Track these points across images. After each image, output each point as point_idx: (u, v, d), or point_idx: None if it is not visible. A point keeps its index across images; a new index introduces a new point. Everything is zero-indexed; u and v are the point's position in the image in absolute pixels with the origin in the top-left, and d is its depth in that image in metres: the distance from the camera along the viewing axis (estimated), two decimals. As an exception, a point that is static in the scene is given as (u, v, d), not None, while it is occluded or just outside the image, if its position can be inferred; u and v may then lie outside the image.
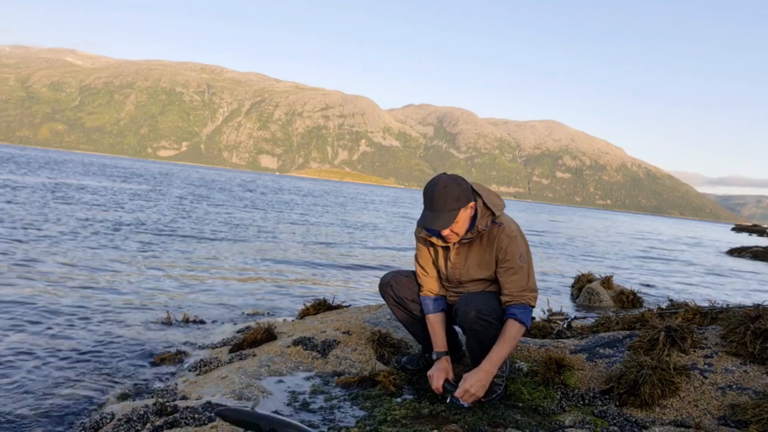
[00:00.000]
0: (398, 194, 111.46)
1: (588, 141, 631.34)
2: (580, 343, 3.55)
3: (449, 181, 2.71)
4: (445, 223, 2.69)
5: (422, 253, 3.06)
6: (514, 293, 2.80)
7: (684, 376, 2.89)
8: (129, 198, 20.37)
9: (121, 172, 47.02)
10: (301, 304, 5.43)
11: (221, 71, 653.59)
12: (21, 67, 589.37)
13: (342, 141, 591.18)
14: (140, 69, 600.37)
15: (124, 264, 7.65)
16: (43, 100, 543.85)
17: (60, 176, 30.18)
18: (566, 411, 2.85)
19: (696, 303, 4.11)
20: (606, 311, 7.21)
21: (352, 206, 35.30)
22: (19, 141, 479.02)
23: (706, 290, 11.17)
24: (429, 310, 3.04)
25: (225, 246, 10.74)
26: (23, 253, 7.49)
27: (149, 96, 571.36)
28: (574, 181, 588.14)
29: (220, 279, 7.37)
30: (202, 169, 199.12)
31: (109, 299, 5.59)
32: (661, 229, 54.59)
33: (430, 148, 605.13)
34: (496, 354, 2.75)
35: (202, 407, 2.66)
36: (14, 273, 6.28)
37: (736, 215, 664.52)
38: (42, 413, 2.94)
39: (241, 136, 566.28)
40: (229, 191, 36.33)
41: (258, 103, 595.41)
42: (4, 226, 9.74)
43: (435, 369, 2.90)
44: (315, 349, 3.56)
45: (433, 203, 2.70)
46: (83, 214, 13.15)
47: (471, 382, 2.73)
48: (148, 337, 4.44)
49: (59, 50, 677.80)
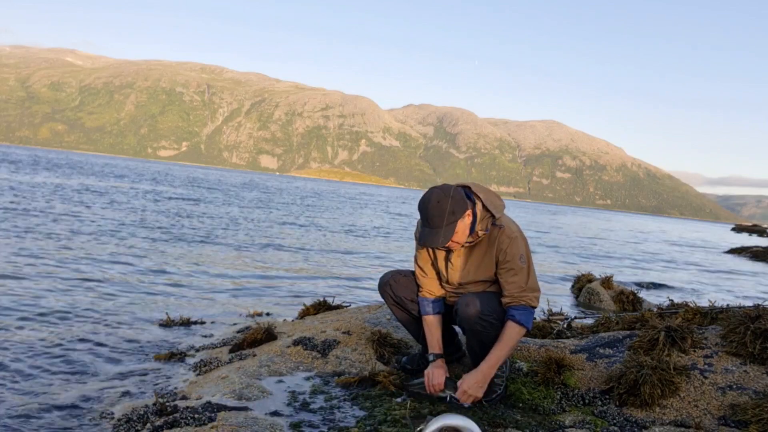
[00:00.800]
0: (399, 194, 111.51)
1: (588, 141, 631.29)
2: (580, 343, 3.55)
3: (441, 195, 2.71)
4: (444, 239, 2.70)
5: (421, 255, 3.06)
6: (514, 294, 2.80)
7: (684, 376, 2.89)
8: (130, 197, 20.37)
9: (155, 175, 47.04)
10: (300, 304, 5.43)
11: (221, 71, 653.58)
12: (21, 67, 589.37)
13: (342, 141, 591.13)
14: (140, 69, 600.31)
15: (125, 264, 7.65)
16: (43, 100, 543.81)
17: (87, 179, 30.19)
18: (566, 411, 2.85)
19: (696, 303, 4.11)
20: (606, 311, 7.21)
21: (352, 206, 35.30)
22: (19, 141, 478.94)
23: (707, 290, 11.17)
24: (426, 311, 3.04)
25: (225, 246, 10.74)
26: (22, 253, 7.49)
27: (149, 96, 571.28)
28: (574, 181, 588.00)
29: (221, 279, 7.37)
30: (204, 169, 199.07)
31: (109, 299, 5.59)
32: (661, 229, 54.59)
33: (430, 148, 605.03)
34: (495, 356, 2.76)
35: (202, 407, 2.66)
36: (13, 272, 6.28)
37: (736, 215, 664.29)
38: (42, 413, 2.94)
39: (241, 136, 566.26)
40: (232, 191, 36.34)
41: (258, 103, 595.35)
42: (6, 226, 9.75)
43: (431, 368, 2.90)
44: (315, 349, 3.56)
45: (429, 220, 2.71)
46: (112, 215, 13.15)
47: (469, 384, 2.74)
48: (148, 338, 4.44)
49: (59, 50, 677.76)
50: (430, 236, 2.72)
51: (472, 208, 2.79)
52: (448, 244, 2.78)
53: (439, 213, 2.68)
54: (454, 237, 2.73)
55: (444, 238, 2.70)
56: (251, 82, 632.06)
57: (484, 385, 2.77)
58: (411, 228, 21.35)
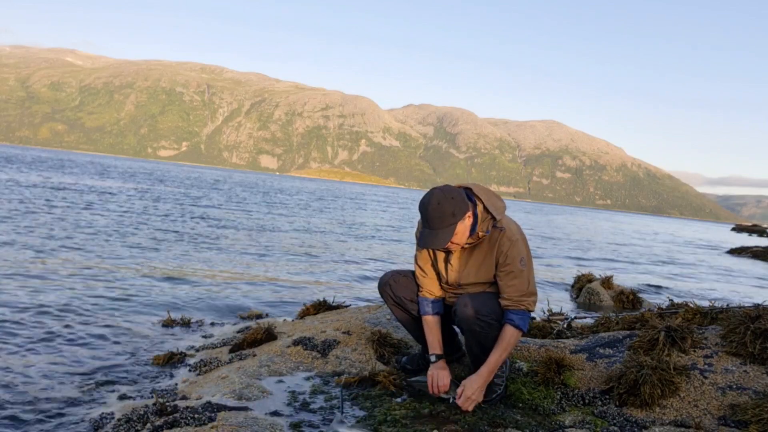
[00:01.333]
0: (399, 193, 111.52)
1: (588, 141, 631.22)
2: (580, 343, 3.55)
3: (442, 196, 2.71)
4: (443, 240, 2.70)
5: (422, 255, 3.07)
6: (513, 298, 2.80)
7: (684, 376, 2.89)
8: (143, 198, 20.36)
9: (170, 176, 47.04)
10: (301, 304, 5.44)
11: (221, 71, 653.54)
12: (21, 67, 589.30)
13: (342, 141, 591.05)
14: (140, 69, 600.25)
15: (125, 264, 7.65)
16: (43, 100, 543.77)
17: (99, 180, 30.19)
18: (566, 411, 2.85)
19: (696, 303, 4.11)
20: (606, 311, 7.21)
21: (352, 206, 35.30)
22: (19, 141, 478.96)
23: (707, 290, 11.17)
24: (426, 311, 3.04)
25: (225, 246, 10.74)
26: (22, 250, 7.49)
27: (149, 96, 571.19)
28: (574, 181, 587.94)
29: (221, 279, 7.37)
30: (204, 169, 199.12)
31: (109, 299, 5.59)
32: (661, 229, 54.58)
33: (430, 148, 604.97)
34: (494, 359, 2.79)
35: (202, 407, 2.66)
36: (12, 271, 6.28)
37: (736, 215, 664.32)
38: (42, 413, 2.94)
39: (241, 136, 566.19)
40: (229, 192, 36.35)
41: (258, 103, 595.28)
42: (6, 225, 9.75)
43: (434, 369, 2.91)
44: (315, 349, 3.56)
45: (429, 222, 2.71)
46: (109, 215, 13.16)
47: (472, 389, 2.75)
48: (148, 338, 4.44)
49: (59, 50, 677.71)
50: (429, 237, 2.72)
51: (472, 210, 2.79)
52: (448, 245, 2.78)
53: (439, 214, 2.68)
54: (453, 238, 2.73)
55: (443, 240, 2.70)
56: (251, 82, 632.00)
57: (485, 388, 2.80)
58: (411, 228, 21.36)
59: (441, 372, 2.87)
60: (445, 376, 2.85)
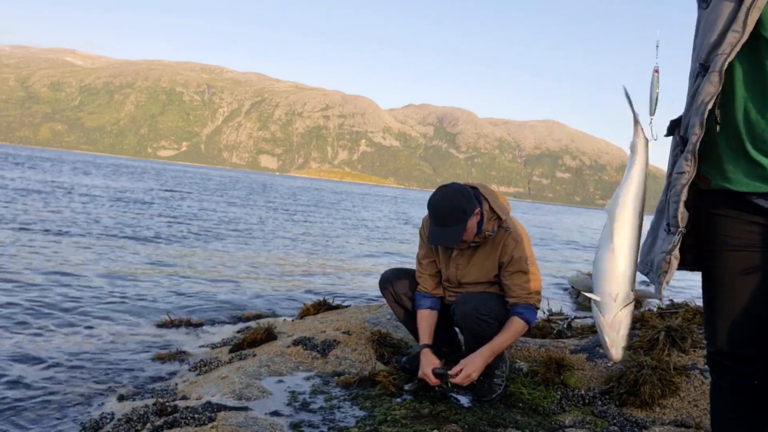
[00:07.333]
0: (399, 193, 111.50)
1: (588, 141, 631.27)
2: (580, 343, 3.56)
3: (453, 193, 2.71)
4: (455, 238, 2.69)
5: (424, 252, 3.07)
6: (521, 295, 2.80)
7: (684, 376, 2.89)
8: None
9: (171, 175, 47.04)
10: (300, 304, 5.44)
11: (221, 71, 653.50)
12: (21, 67, 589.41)
13: (342, 141, 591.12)
14: (140, 69, 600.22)
15: (125, 264, 7.65)
16: (43, 100, 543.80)
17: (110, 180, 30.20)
18: (566, 411, 2.85)
19: (696, 303, 4.11)
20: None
21: (353, 206, 35.31)
22: (19, 141, 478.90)
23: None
24: (420, 305, 3.02)
25: (225, 247, 10.74)
26: (22, 250, 7.49)
27: (149, 96, 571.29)
28: (574, 181, 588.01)
29: (221, 279, 7.37)
30: (205, 168, 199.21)
31: (109, 299, 5.59)
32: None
33: (430, 148, 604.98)
34: (498, 341, 2.74)
35: (202, 407, 2.66)
36: (12, 270, 6.28)
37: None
38: (41, 413, 2.94)
39: (241, 136, 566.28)
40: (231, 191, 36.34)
41: (258, 103, 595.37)
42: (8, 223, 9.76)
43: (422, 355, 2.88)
44: (315, 349, 3.55)
45: (441, 219, 2.70)
46: (113, 215, 13.16)
47: (473, 366, 2.71)
48: (148, 337, 4.44)
49: (59, 50, 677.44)
50: (441, 235, 2.71)
51: (480, 207, 2.80)
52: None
53: (451, 211, 2.67)
54: (464, 236, 2.74)
55: (455, 237, 2.69)
56: (251, 82, 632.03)
57: (482, 367, 2.74)
58: (411, 228, 21.36)
59: (429, 356, 2.84)
60: (434, 358, 2.83)
